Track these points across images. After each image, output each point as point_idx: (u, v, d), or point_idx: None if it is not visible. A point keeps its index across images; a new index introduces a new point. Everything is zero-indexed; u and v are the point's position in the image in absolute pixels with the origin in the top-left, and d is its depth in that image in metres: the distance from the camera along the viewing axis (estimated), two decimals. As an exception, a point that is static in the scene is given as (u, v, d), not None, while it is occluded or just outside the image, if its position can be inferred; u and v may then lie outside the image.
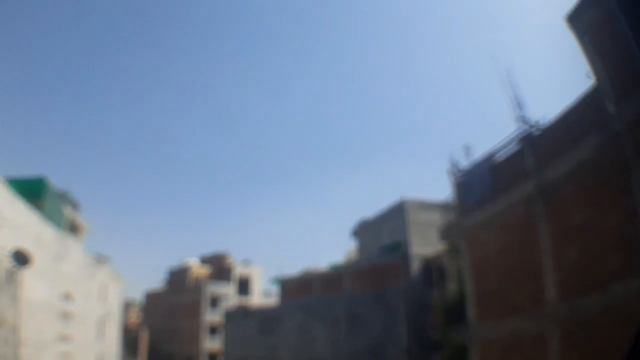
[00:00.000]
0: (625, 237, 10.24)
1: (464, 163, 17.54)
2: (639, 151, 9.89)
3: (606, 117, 10.81)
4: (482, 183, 15.85)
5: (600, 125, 11.01)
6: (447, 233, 18.09)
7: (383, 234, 36.55)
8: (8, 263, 14.38)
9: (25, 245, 19.59)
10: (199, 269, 61.92)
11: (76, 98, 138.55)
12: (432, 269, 31.72)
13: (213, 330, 53.82)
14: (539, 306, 12.47)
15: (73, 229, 30.37)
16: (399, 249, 34.12)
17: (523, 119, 14.38)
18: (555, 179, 12.47)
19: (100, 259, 37.55)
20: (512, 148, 14.96)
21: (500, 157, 15.60)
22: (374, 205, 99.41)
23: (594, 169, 11.24)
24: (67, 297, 28.13)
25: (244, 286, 59.94)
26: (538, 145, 13.66)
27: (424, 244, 33.08)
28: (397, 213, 34.95)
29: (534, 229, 12.99)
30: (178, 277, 61.39)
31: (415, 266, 32.25)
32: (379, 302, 32.85)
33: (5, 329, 13.57)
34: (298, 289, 40.47)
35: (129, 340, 51.58)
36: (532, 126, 14.16)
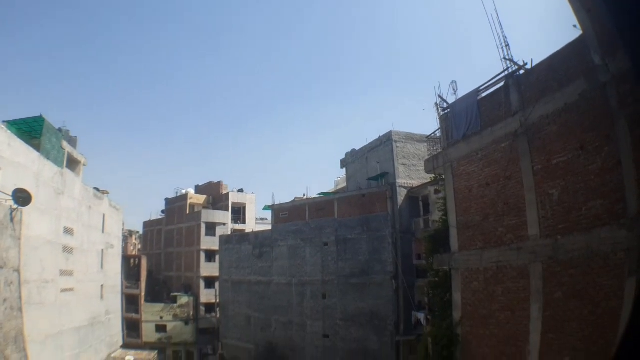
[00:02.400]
0: (608, 184, 10.47)
1: (452, 99, 17.55)
2: (623, 104, 9.92)
3: (592, 66, 10.89)
4: (468, 117, 15.91)
5: (587, 74, 11.13)
6: (432, 164, 18.31)
7: (371, 164, 37.53)
8: (9, 203, 14.89)
9: (26, 183, 20.32)
10: (195, 198, 62.98)
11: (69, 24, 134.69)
12: (418, 200, 33.05)
13: (210, 257, 55.43)
14: (521, 241, 12.85)
15: (71, 164, 30.89)
16: (386, 179, 35.35)
17: (509, 59, 14.55)
18: (540, 118, 12.62)
19: (99, 193, 38.44)
20: (498, 86, 14.97)
21: (487, 93, 15.64)
22: (363, 138, 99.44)
23: (579, 113, 11.39)
24: (68, 231, 29.00)
25: (238, 214, 61.18)
26: (523, 85, 13.75)
27: (411, 176, 34.25)
28: (385, 144, 35.74)
29: (518, 165, 13.27)
30: (175, 207, 62.51)
31: (402, 196, 33.49)
32: (367, 229, 34.29)
33: (8, 270, 14.25)
34: (290, 216, 41.82)
35: (130, 269, 53.32)
36: (518, 66, 14.31)
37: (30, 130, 25.93)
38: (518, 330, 12.81)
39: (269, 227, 46.51)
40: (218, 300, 50.57)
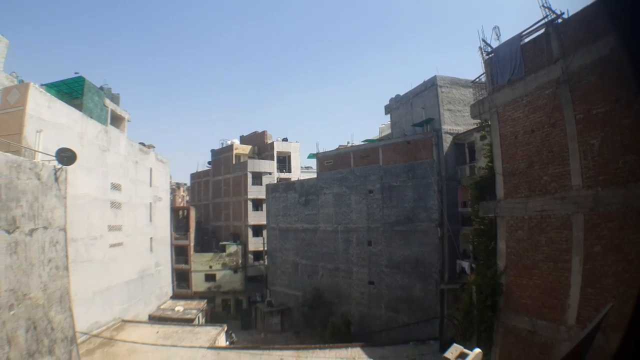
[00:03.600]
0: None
1: (495, 44, 17.07)
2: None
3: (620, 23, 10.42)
4: (512, 62, 15.51)
5: (615, 30, 10.70)
6: (478, 109, 17.82)
7: (415, 110, 36.48)
8: (52, 164, 14.99)
9: (70, 143, 20.65)
10: (240, 149, 63.31)
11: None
12: (464, 147, 32.01)
13: (256, 206, 56.16)
14: (565, 191, 12.69)
15: (115, 120, 31.31)
16: (431, 125, 34.34)
17: (548, 7, 14.07)
18: (580, 67, 12.34)
19: (145, 147, 38.99)
20: (539, 33, 14.61)
21: (529, 39, 15.22)
22: (407, 84, 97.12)
23: (613, 67, 11.08)
24: (115, 187, 29.61)
25: (283, 163, 61.49)
26: (562, 33, 13.38)
27: (456, 122, 33.11)
28: (430, 89, 34.54)
29: (561, 113, 13.03)
30: (221, 158, 63.09)
31: (447, 143, 32.52)
32: (412, 176, 33.71)
33: (53, 229, 14.46)
34: (334, 164, 41.45)
35: (179, 221, 54.58)
36: (556, 14, 13.89)
37: (71, 91, 26.20)
38: (559, 282, 12.67)
39: (314, 176, 46.38)
40: (265, 248, 51.52)
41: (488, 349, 15.80)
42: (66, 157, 15.39)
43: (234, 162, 60.57)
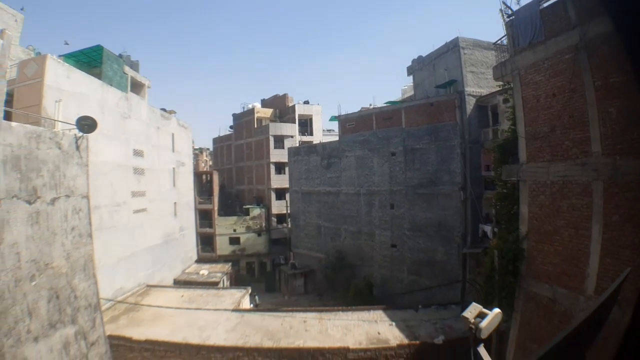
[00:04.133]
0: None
1: (514, 7, 16.62)
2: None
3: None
4: (532, 25, 15.13)
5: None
6: (500, 71, 17.45)
7: (438, 72, 35.68)
8: (73, 132, 15.01)
9: (90, 111, 20.72)
10: (261, 112, 62.99)
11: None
12: (487, 109, 31.32)
13: (279, 169, 56.20)
14: (586, 157, 12.48)
15: (135, 87, 31.29)
16: (454, 87, 33.60)
17: None
18: (596, 36, 12.00)
19: (167, 113, 39.03)
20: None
21: (548, 4, 14.74)
22: (429, 46, 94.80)
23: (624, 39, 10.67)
24: (138, 153, 29.76)
25: (305, 126, 61.28)
26: (577, 2, 13.01)
27: (479, 84, 32.34)
28: (452, 50, 33.64)
29: (581, 79, 12.69)
30: (243, 122, 62.97)
31: (470, 105, 31.85)
32: (435, 138, 33.28)
33: (76, 197, 14.54)
34: (357, 126, 41.06)
35: (202, 185, 54.97)
36: None
37: (90, 61, 26.20)
38: (580, 250, 12.49)
39: (336, 138, 46.06)
40: (289, 211, 51.81)
41: (509, 315, 15.74)
42: (87, 125, 15.40)
43: (255, 126, 60.42)
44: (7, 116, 13.24)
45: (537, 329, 14.23)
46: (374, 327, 23.13)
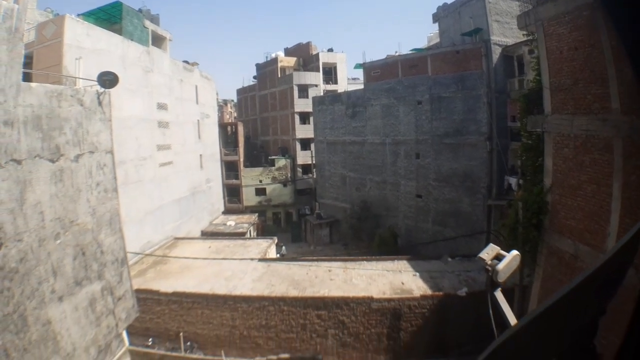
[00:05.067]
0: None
1: None
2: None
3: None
4: None
5: None
6: (524, 21, 16.89)
7: (464, 20, 34.45)
8: (95, 89, 14.99)
9: (112, 67, 20.65)
10: (285, 61, 62.19)
11: None
12: (512, 60, 30.40)
13: (304, 119, 55.82)
14: (606, 113, 12.14)
15: (156, 41, 31.07)
16: (480, 36, 32.54)
17: None
18: None
19: (189, 65, 38.81)
20: None
21: None
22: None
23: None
24: (161, 107, 29.85)
25: (329, 74, 60.22)
26: None
27: (505, 34, 31.27)
28: (478, -2, 32.47)
29: (598, 36, 12.26)
30: (266, 72, 62.26)
31: (496, 55, 30.87)
32: (461, 87, 32.53)
33: (100, 153, 14.58)
34: (382, 74, 40.31)
35: (227, 137, 54.97)
36: None
37: (109, 17, 26.10)
38: (602, 208, 12.26)
39: (361, 87, 45.39)
40: (314, 162, 51.83)
41: (531, 270, 15.68)
42: (108, 80, 15.36)
43: (279, 76, 59.76)
44: (27, 78, 13.22)
45: (559, 285, 14.13)
46: (397, 277, 23.35)
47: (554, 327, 1.63)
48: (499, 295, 2.53)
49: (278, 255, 33.81)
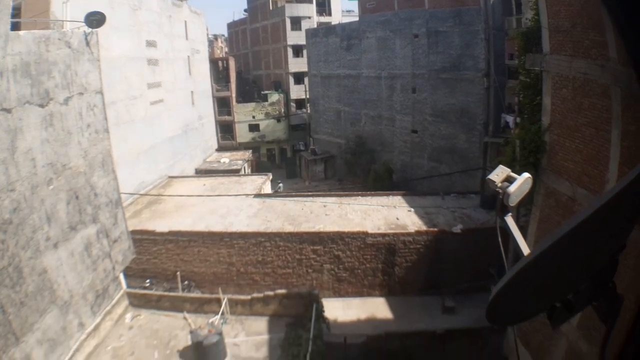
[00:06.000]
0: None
1: None
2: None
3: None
4: None
5: None
6: None
7: (461, -49, 33.11)
8: (82, 30, 14.68)
9: (100, 8, 19.97)
10: (277, -9, 60.19)
11: None
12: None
13: (297, 52, 54.56)
14: (604, 59, 11.71)
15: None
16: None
17: None
18: None
19: (178, 1, 37.51)
20: None
21: None
22: None
23: None
24: (150, 44, 29.09)
25: (323, 6, 58.37)
26: None
27: (502, -30, 30.11)
28: None
29: None
30: (257, 4, 60.18)
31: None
32: (459, 22, 31.61)
33: (89, 94, 14.32)
34: (377, 6, 39.26)
35: (219, 72, 53.78)
36: None
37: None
38: (600, 153, 12.11)
39: (356, 19, 44.17)
40: (308, 96, 51.12)
41: (528, 210, 15.72)
42: (95, 20, 15.01)
43: (271, 8, 57.89)
44: (16, 28, 12.78)
45: (555, 228, 14.20)
46: (392, 212, 23.52)
47: (571, 259, 1.56)
48: (509, 221, 2.41)
49: (274, 192, 33.88)
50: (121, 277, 16.60)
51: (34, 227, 11.02)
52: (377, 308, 20.49)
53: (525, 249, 2.17)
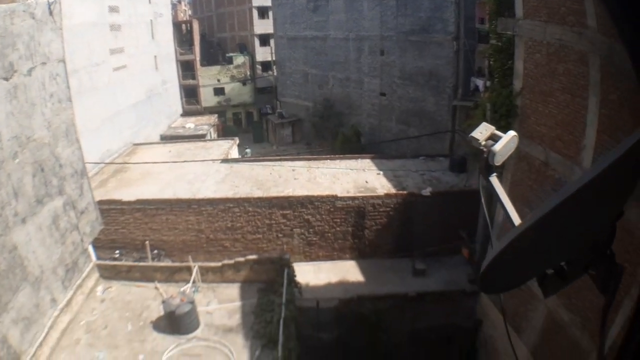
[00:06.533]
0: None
1: None
2: None
3: None
4: None
5: None
6: None
7: None
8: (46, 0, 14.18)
9: None
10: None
11: None
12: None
13: (262, 13, 53.11)
14: (582, 27, 11.58)
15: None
16: None
17: None
18: None
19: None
20: None
21: None
22: None
23: None
24: (113, 9, 28.35)
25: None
26: None
27: None
28: None
29: None
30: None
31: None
32: (428, -17, 31.12)
33: (52, 63, 13.85)
34: (345, -34, 38.28)
35: (182, 36, 52.39)
36: None
37: None
38: (576, 119, 12.13)
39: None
40: (274, 58, 50.22)
41: (499, 174, 15.81)
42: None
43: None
44: None
45: (528, 192, 14.38)
46: (361, 175, 23.56)
47: (568, 226, 1.50)
48: (494, 181, 2.29)
49: (242, 157, 33.48)
50: (90, 249, 16.31)
51: (2, 203, 10.77)
52: (348, 271, 20.63)
53: (511, 210, 2.09)
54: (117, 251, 20.63)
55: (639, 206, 8.32)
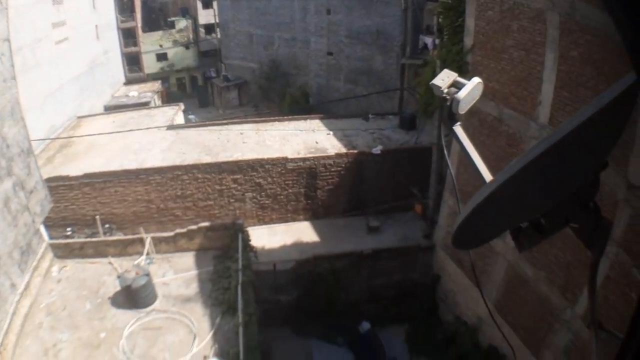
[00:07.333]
0: None
1: None
2: None
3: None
4: None
5: None
6: None
7: None
8: None
9: None
10: None
11: None
12: None
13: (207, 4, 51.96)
14: None
15: None
16: None
17: None
18: None
19: None
20: None
21: None
22: None
23: None
24: None
25: None
26: None
27: None
28: None
29: None
30: None
31: None
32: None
33: None
34: None
35: (123, 3, 50.12)
36: None
37: None
38: (531, 75, 12.21)
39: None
40: (217, 21, 48.81)
41: (449, 130, 15.92)
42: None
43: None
44: None
45: (480, 147, 14.33)
46: (311, 136, 23.43)
47: (548, 178, 1.44)
48: (459, 130, 2.25)
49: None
50: (42, 229, 15.92)
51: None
52: (302, 232, 20.72)
53: (477, 159, 2.00)
54: (69, 228, 20.06)
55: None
